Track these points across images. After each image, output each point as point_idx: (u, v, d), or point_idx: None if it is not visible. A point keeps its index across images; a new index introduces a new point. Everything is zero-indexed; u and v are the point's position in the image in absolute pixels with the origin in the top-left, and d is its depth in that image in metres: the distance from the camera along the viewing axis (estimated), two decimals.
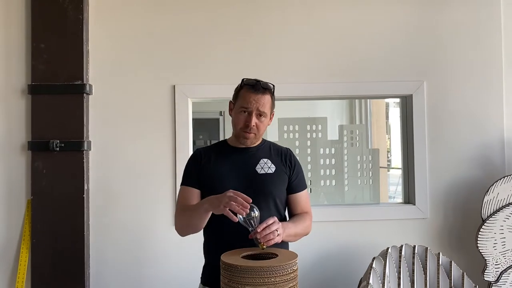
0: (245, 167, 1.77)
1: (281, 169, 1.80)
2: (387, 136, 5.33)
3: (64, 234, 2.53)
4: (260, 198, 1.71)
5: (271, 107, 1.77)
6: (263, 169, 1.77)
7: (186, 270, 2.59)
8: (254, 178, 1.75)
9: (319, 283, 2.65)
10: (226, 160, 1.79)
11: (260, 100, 1.71)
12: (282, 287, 1.40)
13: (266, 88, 1.74)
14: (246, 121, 1.73)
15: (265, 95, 1.73)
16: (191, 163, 1.83)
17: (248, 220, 1.51)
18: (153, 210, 2.64)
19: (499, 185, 2.53)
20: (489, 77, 2.75)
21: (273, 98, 1.79)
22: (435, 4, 2.77)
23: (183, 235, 1.77)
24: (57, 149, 2.52)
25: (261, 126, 1.76)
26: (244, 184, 1.71)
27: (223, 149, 1.83)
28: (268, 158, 1.80)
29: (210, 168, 1.78)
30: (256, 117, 1.73)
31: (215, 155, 1.81)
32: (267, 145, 1.86)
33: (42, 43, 2.57)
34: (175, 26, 2.70)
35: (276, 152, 1.85)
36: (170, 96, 2.68)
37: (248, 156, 1.80)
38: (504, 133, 2.74)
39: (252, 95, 1.72)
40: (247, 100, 1.72)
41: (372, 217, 2.73)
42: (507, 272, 2.49)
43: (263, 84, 1.74)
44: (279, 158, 1.82)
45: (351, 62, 2.74)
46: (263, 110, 1.73)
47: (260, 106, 1.71)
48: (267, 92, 1.74)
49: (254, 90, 1.72)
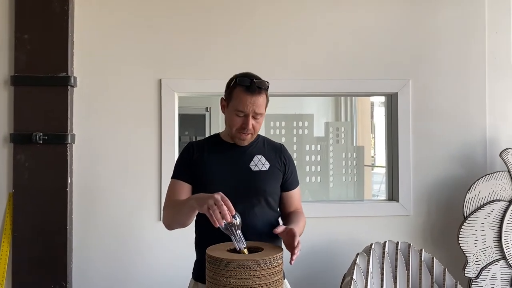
0: (238, 164, 1.73)
1: (275, 166, 1.77)
2: (372, 135, 5.38)
3: (46, 228, 2.49)
4: (253, 196, 1.70)
5: (266, 104, 1.72)
6: (257, 166, 1.74)
7: (172, 266, 2.58)
8: (248, 175, 1.72)
9: (303, 278, 2.66)
10: (220, 155, 1.75)
11: (256, 102, 1.65)
12: (267, 280, 1.40)
13: (261, 88, 1.66)
14: (243, 124, 1.67)
15: (261, 96, 1.66)
16: (184, 156, 1.77)
17: (229, 227, 1.48)
18: (138, 205, 2.62)
19: (481, 183, 2.57)
20: (473, 76, 2.80)
21: (267, 94, 1.73)
22: (421, 3, 2.80)
23: (170, 229, 1.74)
24: (40, 141, 2.48)
25: (258, 126, 1.71)
26: (237, 181, 1.70)
27: (217, 144, 1.79)
28: (262, 155, 1.77)
29: (203, 163, 1.73)
30: (252, 119, 1.67)
31: (208, 150, 1.77)
32: (261, 141, 1.82)
33: (25, 34, 2.52)
34: (162, 19, 2.67)
35: (270, 148, 1.81)
36: (156, 90, 2.66)
37: (242, 152, 1.76)
38: (487, 132, 2.79)
39: (247, 98, 1.64)
40: (242, 104, 1.65)
41: (356, 213, 2.75)
42: (487, 268, 2.54)
43: (257, 83, 1.66)
44: (273, 155, 1.79)
45: (337, 60, 2.75)
46: (260, 112, 1.67)
47: (256, 108, 1.65)
48: (262, 91, 1.67)
49: (249, 92, 1.64)
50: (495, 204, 2.55)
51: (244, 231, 1.52)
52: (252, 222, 1.69)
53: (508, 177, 2.57)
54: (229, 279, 1.38)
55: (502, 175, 2.57)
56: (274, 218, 1.79)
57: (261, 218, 1.72)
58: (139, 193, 2.63)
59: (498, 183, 2.57)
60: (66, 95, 2.53)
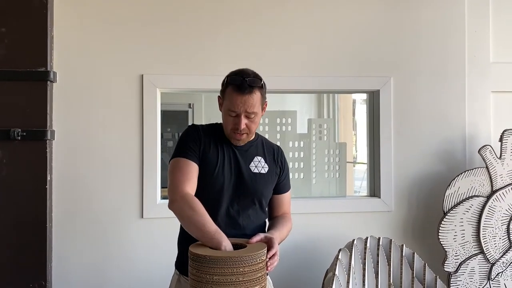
0: (239, 163, 1.71)
1: (273, 169, 1.76)
2: (353, 132, 5.42)
3: (25, 226, 2.44)
4: (250, 197, 1.70)
5: (261, 101, 1.65)
6: (256, 168, 1.72)
7: (155, 262, 2.56)
8: (248, 177, 1.70)
9: (286, 274, 2.67)
10: (222, 150, 1.71)
11: (248, 101, 1.59)
12: (251, 277, 1.40)
13: (253, 86, 1.61)
14: (235, 124, 1.63)
15: (253, 94, 1.60)
16: (193, 135, 1.69)
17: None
18: (120, 202, 2.59)
19: (460, 179, 2.62)
20: (453, 74, 2.84)
21: (263, 91, 1.67)
22: (403, 2, 2.83)
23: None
24: (18, 138, 2.43)
25: (253, 125, 1.66)
26: (238, 180, 1.69)
27: (221, 138, 1.72)
28: (261, 156, 1.75)
29: (209, 154, 1.68)
30: (245, 118, 1.63)
31: (214, 142, 1.71)
32: (259, 141, 1.80)
33: (3, 27, 2.46)
34: (144, 13, 2.64)
35: (268, 150, 1.79)
36: (138, 85, 2.62)
37: (243, 151, 1.73)
38: (466, 129, 2.84)
39: (238, 98, 1.59)
40: (233, 103, 1.60)
41: (339, 209, 2.77)
42: (466, 263, 2.59)
43: (249, 82, 1.60)
44: (271, 157, 1.78)
45: (320, 57, 2.76)
46: (252, 111, 1.62)
47: (248, 107, 1.60)
48: (255, 89, 1.61)
49: (240, 91, 1.59)
50: (474, 199, 2.60)
51: (234, 231, 1.52)
52: (244, 223, 1.69)
53: (486, 174, 2.62)
54: (212, 276, 1.38)
55: (480, 171, 2.62)
56: (263, 220, 1.79)
57: (253, 219, 1.72)
58: (120, 190, 2.59)
59: (477, 179, 2.61)
60: (46, 91, 2.48)
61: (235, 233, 1.64)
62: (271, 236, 1.58)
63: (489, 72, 2.86)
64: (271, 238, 1.57)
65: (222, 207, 1.67)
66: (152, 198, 2.60)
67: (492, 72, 2.86)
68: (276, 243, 1.57)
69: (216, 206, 1.66)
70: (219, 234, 1.49)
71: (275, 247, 1.55)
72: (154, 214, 2.59)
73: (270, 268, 1.52)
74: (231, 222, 1.68)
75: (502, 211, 2.60)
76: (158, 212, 2.57)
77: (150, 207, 2.59)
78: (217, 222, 1.58)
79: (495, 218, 2.60)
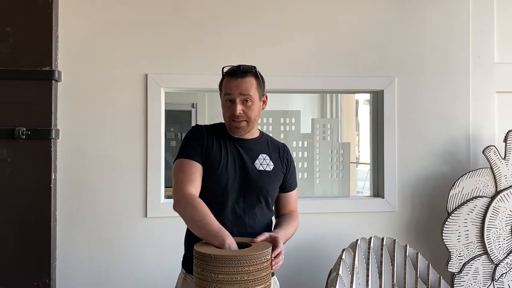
0: (244, 161, 1.71)
1: (278, 167, 1.76)
2: (356, 133, 5.41)
3: (30, 224, 2.45)
4: (255, 195, 1.70)
5: (257, 89, 1.69)
6: (261, 165, 1.72)
7: (159, 261, 2.57)
8: (253, 174, 1.70)
9: (290, 274, 2.66)
10: (226, 148, 1.71)
11: (241, 84, 1.64)
12: (255, 276, 1.40)
13: (246, 71, 1.67)
14: (232, 110, 1.65)
15: (246, 78, 1.66)
16: (196, 136, 1.71)
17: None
18: (124, 201, 2.59)
19: (464, 180, 2.61)
20: (457, 74, 2.83)
21: (259, 80, 1.70)
22: (407, 2, 2.82)
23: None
24: (23, 137, 2.44)
25: (250, 112, 1.67)
26: (243, 178, 1.69)
27: (225, 136, 1.74)
28: (266, 154, 1.75)
29: (212, 152, 1.69)
30: (241, 103, 1.65)
31: (217, 140, 1.72)
32: (264, 139, 1.81)
33: (8, 27, 2.47)
34: (149, 12, 2.64)
35: (274, 148, 1.80)
36: (142, 85, 2.63)
37: (248, 148, 1.73)
38: (470, 130, 2.83)
39: (232, 81, 1.65)
40: (228, 88, 1.66)
41: (342, 209, 2.77)
42: (470, 263, 2.59)
43: (243, 68, 1.67)
44: (277, 155, 1.78)
45: (324, 57, 2.76)
46: (247, 93, 1.65)
47: (242, 90, 1.64)
48: (248, 74, 1.67)
49: (234, 76, 1.66)
50: (478, 200, 2.59)
51: (241, 229, 1.52)
52: (250, 222, 1.69)
53: (490, 174, 2.61)
54: (217, 275, 1.38)
55: (484, 171, 2.61)
56: (270, 218, 1.79)
57: (259, 218, 1.72)
58: (125, 189, 2.60)
59: (481, 179, 2.61)
60: (50, 90, 2.49)
61: (242, 232, 1.64)
62: (276, 235, 1.58)
63: (493, 72, 2.86)
64: (276, 237, 1.57)
65: (228, 205, 1.67)
66: (156, 197, 2.60)
67: (497, 73, 2.86)
68: (281, 242, 1.57)
69: (222, 204, 1.67)
70: (222, 232, 1.49)
71: (280, 246, 1.54)
72: (158, 213, 2.59)
73: (275, 268, 1.52)
74: (238, 221, 1.68)
75: (507, 212, 2.60)
76: (162, 211, 2.58)
77: (154, 206, 2.59)
78: (223, 221, 1.59)
79: (499, 218, 2.59)
